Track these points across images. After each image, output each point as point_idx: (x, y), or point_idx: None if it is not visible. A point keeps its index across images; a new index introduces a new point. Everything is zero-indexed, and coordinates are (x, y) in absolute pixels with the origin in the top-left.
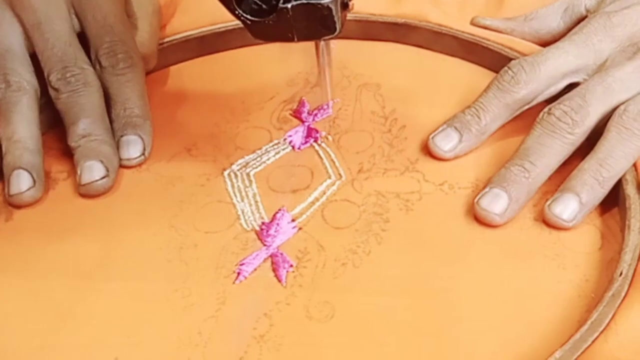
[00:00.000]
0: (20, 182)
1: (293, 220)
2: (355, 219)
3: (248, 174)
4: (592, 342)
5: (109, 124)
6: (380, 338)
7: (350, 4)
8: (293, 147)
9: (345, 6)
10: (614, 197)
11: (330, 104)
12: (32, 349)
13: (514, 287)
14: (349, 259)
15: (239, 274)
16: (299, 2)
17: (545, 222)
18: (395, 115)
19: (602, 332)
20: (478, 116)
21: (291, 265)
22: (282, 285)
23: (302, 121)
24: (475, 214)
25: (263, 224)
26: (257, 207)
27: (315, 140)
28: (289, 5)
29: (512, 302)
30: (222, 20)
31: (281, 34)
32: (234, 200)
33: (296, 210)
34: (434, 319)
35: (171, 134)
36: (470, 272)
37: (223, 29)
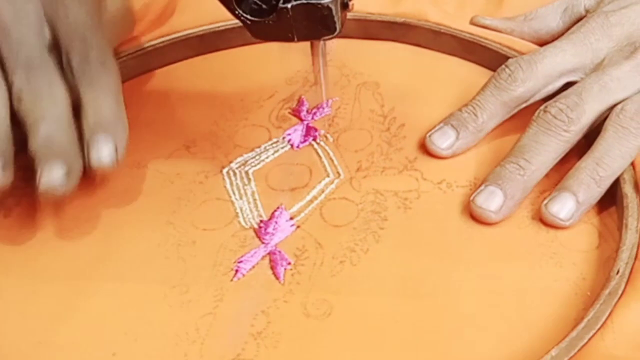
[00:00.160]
0: None
1: (291, 219)
2: (354, 217)
3: (247, 172)
4: (589, 340)
5: (74, 128)
6: (378, 335)
7: (350, 4)
8: (292, 146)
9: (345, 6)
10: (611, 196)
11: (329, 102)
12: (30, 345)
13: (511, 285)
14: (347, 257)
15: (236, 271)
16: (299, 2)
17: (543, 221)
18: (394, 114)
19: (598, 330)
20: (475, 114)
21: (289, 263)
22: (279, 282)
23: (301, 120)
24: (471, 212)
25: (261, 221)
26: (256, 205)
27: (314, 139)
28: (289, 5)
29: (509, 300)
30: (222, 19)
31: (281, 34)
32: (233, 198)
33: (294, 209)
34: (432, 316)
35: (170, 131)
36: (467, 270)
37: (223, 27)
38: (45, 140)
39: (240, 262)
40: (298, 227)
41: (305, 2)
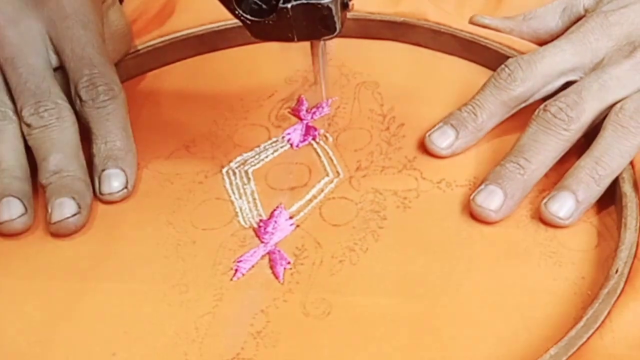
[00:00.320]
0: (11, 209)
1: (291, 218)
2: (353, 217)
3: (246, 172)
4: (588, 339)
5: (83, 160)
6: (377, 335)
7: (350, 4)
8: (291, 145)
9: (345, 6)
10: (610, 195)
11: (329, 102)
12: (29, 343)
13: (511, 284)
14: (346, 256)
15: (236, 270)
16: (298, 2)
17: (542, 220)
18: (393, 113)
19: (597, 329)
20: (474, 113)
21: (288, 262)
22: (279, 282)
23: (300, 119)
24: (471, 211)
25: (261, 221)
26: (255, 205)
27: (314, 138)
28: (289, 5)
29: (508, 299)
30: (222, 19)
31: (281, 34)
32: (232, 197)
33: (294, 208)
34: (431, 315)
35: (170, 131)
36: (466, 269)
37: (222, 27)
38: (55, 173)
39: (240, 261)
40: (297, 226)
41: (305, 2)
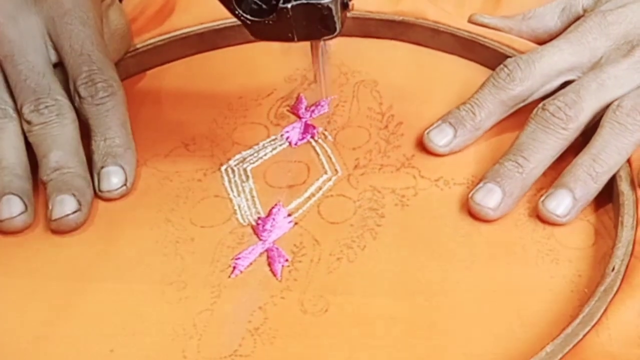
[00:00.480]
0: (11, 207)
1: (289, 215)
2: (351, 214)
3: (245, 170)
4: (584, 336)
5: (83, 157)
6: (374, 332)
7: (350, 4)
8: (290, 143)
9: (345, 6)
10: (608, 194)
11: (328, 100)
12: (28, 340)
13: (508, 281)
14: (344, 253)
15: (234, 268)
16: (299, 2)
17: (539, 217)
18: (392, 111)
19: (593, 327)
20: (473, 112)
21: (286, 260)
22: (277, 279)
23: (299, 117)
24: (470, 209)
25: (259, 218)
26: (254, 202)
27: (312, 136)
28: (289, 5)
29: (506, 296)
30: (221, 17)
31: (281, 34)
32: (231, 195)
33: (292, 205)
34: (428, 312)
35: (169, 129)
36: (464, 266)
37: (222, 25)
38: (56, 170)
39: (238, 258)
40: (296, 224)
41: (305, 2)
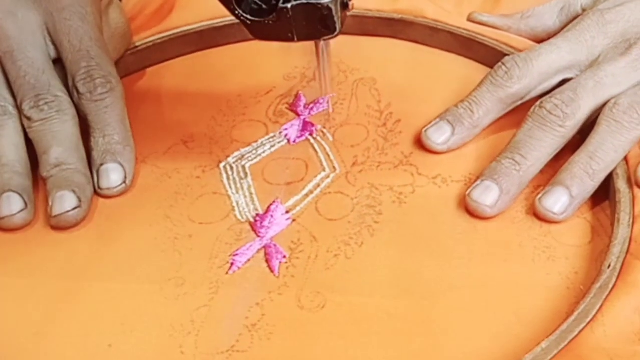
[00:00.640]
0: (11, 205)
1: (287, 212)
2: (349, 211)
3: (243, 167)
4: (579, 332)
5: (83, 153)
6: (371, 328)
7: (350, 3)
8: (288, 141)
9: (345, 6)
10: (604, 191)
11: (326, 98)
12: (27, 336)
13: (504, 278)
14: (342, 250)
15: (232, 264)
16: (298, 2)
17: (536, 215)
18: (390, 109)
19: (589, 323)
20: (471, 110)
21: (284, 256)
22: (274, 275)
23: (298, 115)
24: (467, 206)
25: (257, 215)
26: (252, 199)
27: (311, 134)
28: (289, 5)
29: (502, 293)
30: (221, 15)
31: (281, 34)
32: (229, 192)
33: (290, 202)
34: (424, 309)
35: (168, 126)
36: (461, 263)
37: (222, 23)
38: (56, 166)
39: (236, 255)
40: (293, 220)
41: (305, 2)
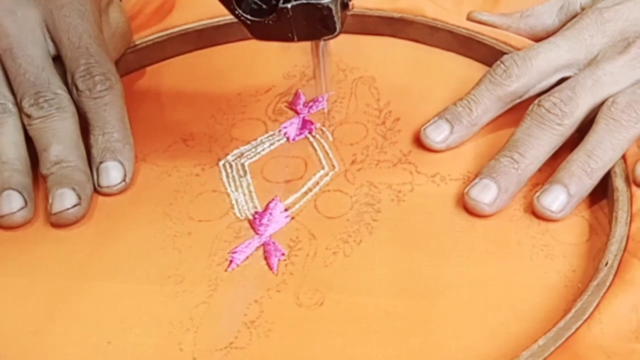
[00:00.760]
0: (11, 203)
1: (286, 210)
2: (347, 209)
3: (243, 165)
4: (576, 330)
5: (83, 151)
6: (369, 325)
7: (350, 3)
8: (288, 139)
9: (345, 6)
10: (602, 190)
11: (326, 96)
12: (25, 333)
13: (502, 276)
14: (340, 247)
15: (231, 261)
16: (298, 2)
17: (534, 213)
18: (389, 108)
19: (585, 321)
20: (469, 108)
21: (283, 254)
22: (273, 273)
23: (297, 113)
24: (465, 204)
25: (256, 213)
26: (251, 197)
27: (310, 132)
28: (289, 5)
29: (500, 291)
30: (221, 14)
31: (281, 34)
32: (228, 189)
33: (289, 200)
34: (423, 307)
35: (168, 125)
36: (459, 261)
37: (222, 22)
38: (56, 163)
39: (235, 252)
40: (292, 218)
41: (305, 2)
